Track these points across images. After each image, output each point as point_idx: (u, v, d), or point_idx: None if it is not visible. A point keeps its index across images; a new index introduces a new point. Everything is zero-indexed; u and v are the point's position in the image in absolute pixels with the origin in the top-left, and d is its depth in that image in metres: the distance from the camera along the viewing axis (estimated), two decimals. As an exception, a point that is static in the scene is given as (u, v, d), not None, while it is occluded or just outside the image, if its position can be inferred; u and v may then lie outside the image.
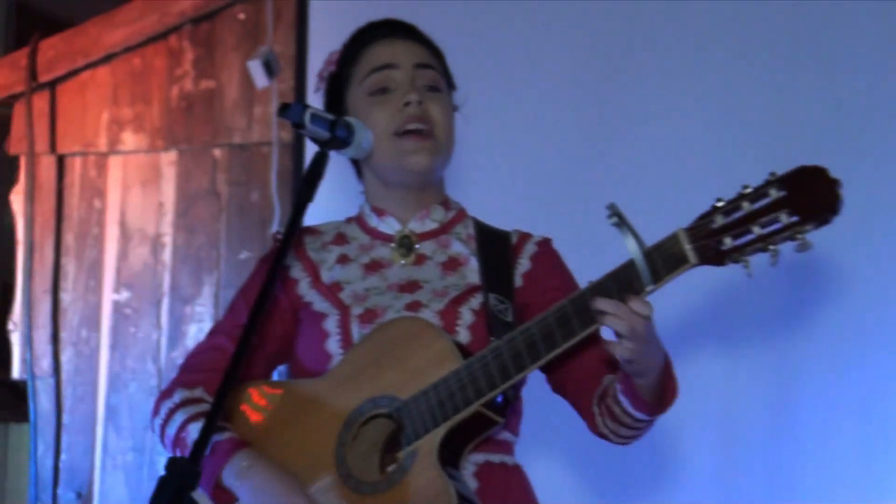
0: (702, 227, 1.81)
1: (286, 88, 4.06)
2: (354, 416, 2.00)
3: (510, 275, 2.14)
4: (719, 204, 1.81)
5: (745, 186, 1.80)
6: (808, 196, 1.75)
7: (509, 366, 1.92)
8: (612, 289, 1.86)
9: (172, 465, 1.68)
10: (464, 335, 2.05)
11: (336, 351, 2.08)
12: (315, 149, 1.98)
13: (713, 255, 1.81)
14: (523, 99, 3.45)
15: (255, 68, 4.07)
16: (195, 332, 4.13)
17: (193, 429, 2.06)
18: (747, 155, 3.13)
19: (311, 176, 1.91)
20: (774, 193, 1.76)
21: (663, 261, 1.83)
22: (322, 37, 3.77)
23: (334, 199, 2.25)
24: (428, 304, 2.09)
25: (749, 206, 1.78)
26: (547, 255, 2.19)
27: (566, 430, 2.23)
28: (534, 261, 2.17)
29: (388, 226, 2.19)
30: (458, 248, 2.17)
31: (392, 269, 2.16)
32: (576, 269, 2.19)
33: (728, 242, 1.80)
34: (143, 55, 4.34)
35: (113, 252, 4.33)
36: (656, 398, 1.97)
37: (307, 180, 1.91)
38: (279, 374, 2.32)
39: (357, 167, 2.24)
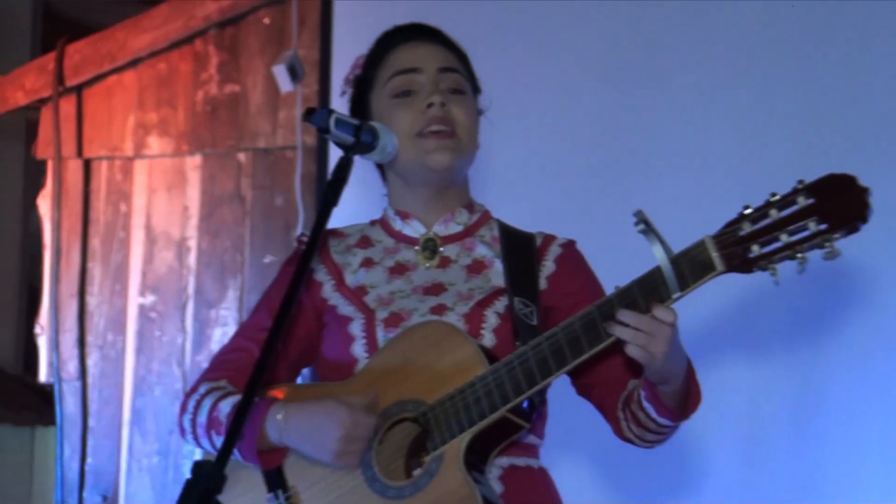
0: (729, 235, 1.81)
1: (310, 92, 4.06)
2: (381, 419, 2.00)
3: (535, 277, 2.14)
4: (747, 211, 1.81)
5: (773, 194, 1.79)
6: (836, 204, 1.74)
7: (535, 372, 1.92)
8: (638, 295, 1.86)
9: (198, 468, 1.66)
10: (489, 339, 2.05)
11: (361, 355, 2.08)
12: (339, 153, 1.98)
13: (740, 263, 1.81)
14: (547, 101, 3.44)
15: (280, 73, 4.07)
16: (219, 336, 4.15)
17: (224, 405, 2.05)
18: (773, 160, 3.12)
19: (335, 180, 1.90)
20: (802, 201, 1.76)
21: (690, 268, 1.83)
22: (346, 41, 3.78)
23: (357, 201, 2.25)
24: (453, 307, 2.09)
25: (777, 213, 1.78)
26: (571, 257, 2.19)
27: (592, 433, 2.23)
28: (558, 263, 2.17)
29: (413, 229, 2.19)
30: (482, 250, 2.17)
31: (417, 271, 2.16)
32: (599, 272, 2.19)
33: (756, 250, 1.79)
34: (169, 60, 4.36)
35: (138, 256, 4.35)
36: (680, 404, 1.97)
37: (332, 185, 1.90)
38: (303, 377, 2.32)
39: (381, 170, 2.24)
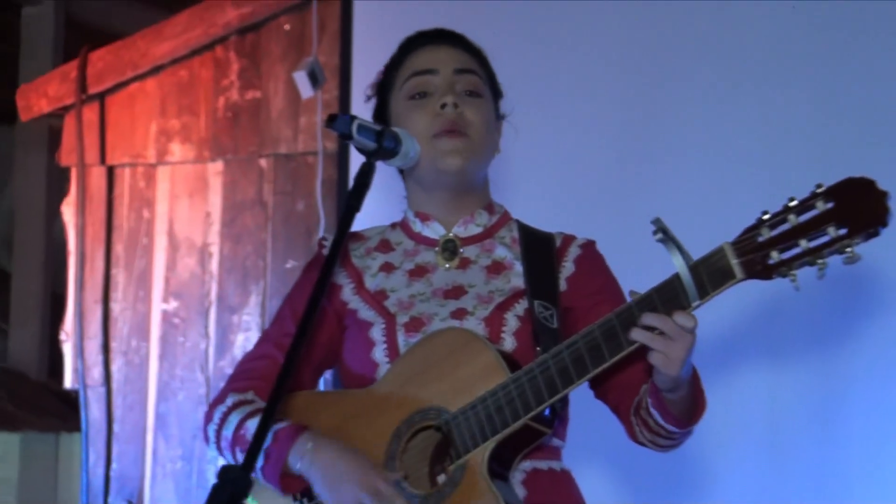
0: (748, 241, 1.80)
1: (331, 98, 4.07)
2: (404, 427, 2.01)
3: (555, 278, 2.13)
4: (765, 217, 1.79)
5: (792, 199, 1.78)
6: (856, 208, 1.73)
7: (556, 381, 1.93)
8: (658, 304, 1.85)
9: (225, 472, 1.66)
10: (509, 342, 2.06)
11: (382, 360, 2.09)
12: (360, 157, 1.98)
13: (760, 270, 1.79)
14: (567, 102, 3.44)
15: (301, 79, 4.08)
16: (242, 342, 4.16)
17: (252, 425, 2.05)
18: (792, 160, 3.11)
19: (358, 186, 1.91)
20: (822, 206, 1.75)
21: (709, 276, 1.82)
22: (366, 47, 3.79)
23: (377, 204, 2.26)
24: (473, 311, 2.09)
25: (795, 218, 1.76)
26: (591, 258, 2.18)
27: (614, 435, 2.22)
28: (577, 264, 2.16)
29: (433, 230, 2.20)
30: (502, 252, 2.17)
31: (436, 273, 2.16)
32: (619, 272, 2.19)
33: (775, 256, 1.78)
34: (190, 67, 4.38)
35: (161, 262, 4.37)
36: (686, 412, 1.97)
37: (355, 191, 1.91)
38: (325, 382, 2.33)
39: (401, 173, 2.24)
